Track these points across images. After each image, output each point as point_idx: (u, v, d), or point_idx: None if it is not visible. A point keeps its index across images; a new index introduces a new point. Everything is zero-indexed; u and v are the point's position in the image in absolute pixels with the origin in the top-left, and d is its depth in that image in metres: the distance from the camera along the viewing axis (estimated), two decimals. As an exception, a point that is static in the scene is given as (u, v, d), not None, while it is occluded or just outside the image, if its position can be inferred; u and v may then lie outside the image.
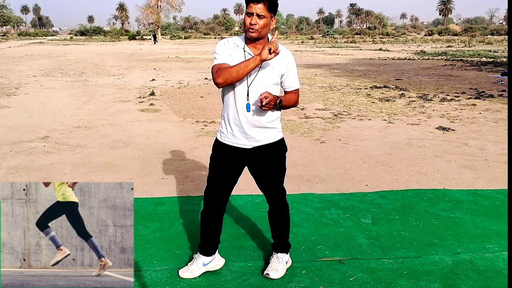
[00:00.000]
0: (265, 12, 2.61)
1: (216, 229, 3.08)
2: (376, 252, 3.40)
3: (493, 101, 10.46)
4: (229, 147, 2.88)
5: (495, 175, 5.22)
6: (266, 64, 2.74)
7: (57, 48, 42.44)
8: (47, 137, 7.06)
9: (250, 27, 2.64)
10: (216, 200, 2.98)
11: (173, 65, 21.46)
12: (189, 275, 3.05)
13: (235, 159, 2.90)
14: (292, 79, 2.87)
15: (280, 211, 3.10)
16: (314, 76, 16.50)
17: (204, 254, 3.09)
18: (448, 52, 31.88)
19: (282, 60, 2.78)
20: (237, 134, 2.84)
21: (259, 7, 2.60)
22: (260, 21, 2.63)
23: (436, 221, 3.93)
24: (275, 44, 2.59)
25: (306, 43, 54.36)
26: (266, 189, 3.04)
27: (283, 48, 2.77)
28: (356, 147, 6.48)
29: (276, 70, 2.78)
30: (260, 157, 2.90)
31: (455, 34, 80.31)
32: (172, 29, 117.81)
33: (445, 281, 3.02)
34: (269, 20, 2.66)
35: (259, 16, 2.62)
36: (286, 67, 2.81)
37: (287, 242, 3.19)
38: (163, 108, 9.66)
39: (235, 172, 2.95)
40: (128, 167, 5.54)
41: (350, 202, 4.38)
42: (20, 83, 14.18)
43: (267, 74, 2.76)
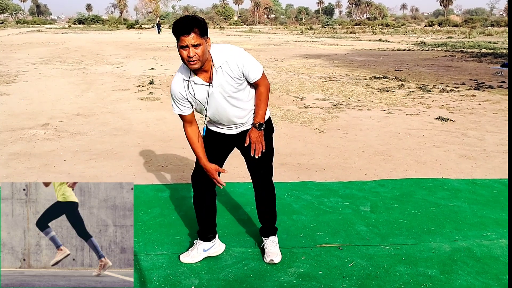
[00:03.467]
0: (199, 39, 2.48)
1: (209, 213, 3.10)
2: (375, 239, 3.44)
3: (492, 92, 10.47)
4: (217, 133, 2.97)
5: (493, 164, 5.26)
6: (221, 81, 2.69)
7: (56, 36, 42.22)
8: (47, 124, 7.07)
9: (189, 60, 2.52)
10: (204, 182, 3.00)
11: (172, 54, 21.38)
12: (189, 260, 3.09)
13: (222, 142, 2.98)
14: (250, 72, 2.71)
15: (267, 192, 3.12)
16: (313, 66, 16.48)
17: (203, 239, 3.13)
18: (448, 43, 31.79)
19: (233, 66, 2.67)
20: (221, 127, 2.95)
21: (192, 38, 2.46)
22: (197, 50, 2.49)
23: (435, 209, 3.97)
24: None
25: (306, 34, 54.13)
26: (253, 169, 3.05)
27: (228, 53, 2.67)
28: (355, 136, 6.50)
29: (234, 77, 2.69)
30: (245, 138, 2.95)
31: (455, 25, 79.97)
32: (171, 18, 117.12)
33: (442, 267, 3.06)
34: (205, 44, 2.52)
35: (195, 46, 2.48)
36: (240, 68, 2.68)
37: (275, 225, 3.25)
38: (162, 97, 9.66)
39: (222, 154, 3.03)
40: (129, 154, 5.56)
41: (349, 190, 4.41)
42: (19, 71, 14.14)
43: (227, 87, 2.71)
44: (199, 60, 2.53)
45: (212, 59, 2.64)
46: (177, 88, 2.74)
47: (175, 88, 2.75)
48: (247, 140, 2.87)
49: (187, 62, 2.55)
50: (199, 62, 2.54)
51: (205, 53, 2.54)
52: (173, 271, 2.98)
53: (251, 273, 2.98)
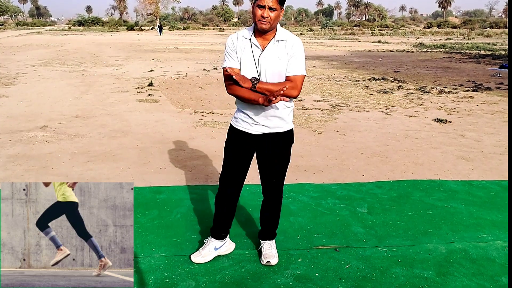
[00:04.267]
0: (276, 4, 2.65)
1: (230, 212, 3.15)
2: (371, 241, 3.46)
3: (490, 94, 10.50)
4: (240, 132, 2.96)
5: (490, 166, 5.28)
6: (271, 54, 2.77)
7: (55, 38, 42.24)
8: (45, 126, 7.08)
9: (262, 20, 2.67)
10: (232, 182, 3.05)
11: (172, 56, 21.41)
12: (201, 260, 3.13)
13: (245, 144, 2.98)
14: (293, 63, 2.79)
15: (275, 200, 3.16)
16: (312, 67, 16.50)
17: (216, 237, 3.18)
18: (446, 44, 31.85)
19: (288, 47, 2.79)
20: (247, 120, 2.92)
21: (271, 0, 2.63)
22: (271, 13, 2.65)
23: (431, 211, 3.98)
24: (277, 100, 2.61)
25: (305, 35, 54.18)
26: (266, 177, 3.08)
27: (292, 35, 2.82)
28: (353, 138, 6.52)
29: (282, 59, 2.79)
30: (266, 144, 2.96)
31: (454, 26, 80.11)
32: (171, 20, 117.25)
33: (438, 269, 3.08)
34: (279, 12, 2.69)
35: (271, 8, 2.64)
36: (292, 50, 2.79)
37: (275, 231, 3.29)
38: (161, 99, 9.67)
39: (246, 157, 3.02)
40: (127, 156, 5.57)
41: (346, 192, 4.43)
42: (19, 73, 14.16)
43: (274, 63, 2.78)
44: (269, 22, 2.68)
45: (275, 33, 2.79)
46: (232, 39, 2.86)
47: (230, 39, 2.87)
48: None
49: (257, 21, 2.69)
50: (268, 24, 2.68)
51: (277, 19, 2.70)
52: (170, 274, 3.00)
53: (247, 275, 2.99)
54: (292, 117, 3.01)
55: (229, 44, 2.85)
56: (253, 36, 2.80)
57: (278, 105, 2.85)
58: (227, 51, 2.86)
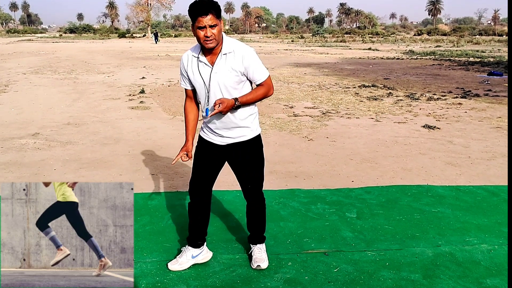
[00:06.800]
0: (215, 20, 2.67)
1: (203, 220, 3.18)
2: (360, 245, 3.52)
3: (478, 100, 10.65)
4: (208, 143, 3.04)
5: (477, 171, 5.37)
6: (222, 68, 2.80)
7: (46, 45, 42.14)
8: (37, 133, 7.09)
9: (207, 40, 2.69)
10: (198, 190, 3.09)
11: (163, 63, 21.46)
12: (178, 267, 3.14)
13: (213, 154, 3.04)
14: (255, 73, 2.85)
15: (256, 205, 3.21)
16: (303, 75, 16.62)
17: (192, 246, 3.19)
18: (436, 51, 32.19)
19: (237, 59, 2.81)
20: (211, 132, 2.99)
21: (209, 19, 2.65)
22: (214, 30, 2.68)
23: (419, 215, 4.05)
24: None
25: (296, 42, 54.50)
26: (243, 183, 3.14)
27: (238, 45, 2.84)
28: (343, 144, 6.59)
29: (235, 69, 2.81)
30: (235, 154, 3.01)
31: (444, 34, 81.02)
32: (162, 27, 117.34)
33: (425, 271, 3.14)
34: (220, 25, 2.72)
35: (212, 26, 2.67)
36: (244, 63, 2.81)
37: (263, 234, 3.33)
38: (153, 106, 9.71)
39: (215, 166, 3.08)
40: (119, 163, 5.60)
41: (336, 197, 4.49)
42: (10, 80, 14.14)
43: (225, 76, 2.81)
44: (215, 39, 2.71)
45: (222, 45, 2.81)
46: (183, 59, 2.95)
47: (182, 59, 2.97)
48: (217, 102, 2.73)
49: (203, 42, 2.72)
50: (215, 41, 2.72)
51: (220, 33, 2.74)
52: (161, 278, 3.03)
53: (238, 279, 3.04)
54: (257, 122, 3.04)
55: (181, 65, 2.98)
56: (201, 54, 2.84)
57: (238, 115, 2.89)
58: (181, 71, 2.99)
